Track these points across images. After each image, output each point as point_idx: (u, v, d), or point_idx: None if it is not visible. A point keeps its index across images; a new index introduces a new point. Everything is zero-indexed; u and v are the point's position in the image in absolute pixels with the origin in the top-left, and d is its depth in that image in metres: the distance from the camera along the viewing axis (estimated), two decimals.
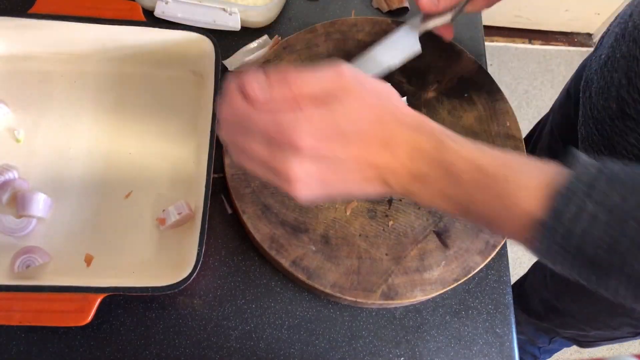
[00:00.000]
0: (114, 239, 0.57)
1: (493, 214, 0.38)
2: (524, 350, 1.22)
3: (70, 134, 0.62)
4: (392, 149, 0.41)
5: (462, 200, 0.40)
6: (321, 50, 0.66)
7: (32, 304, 0.49)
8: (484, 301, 0.60)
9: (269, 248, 0.56)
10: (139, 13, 0.61)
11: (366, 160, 0.41)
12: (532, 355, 1.23)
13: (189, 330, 0.56)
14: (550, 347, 1.17)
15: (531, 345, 1.19)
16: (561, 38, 1.98)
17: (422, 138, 0.42)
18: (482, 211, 0.39)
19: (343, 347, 0.57)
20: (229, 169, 0.59)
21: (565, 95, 0.88)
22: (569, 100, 0.86)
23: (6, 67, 0.63)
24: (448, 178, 0.40)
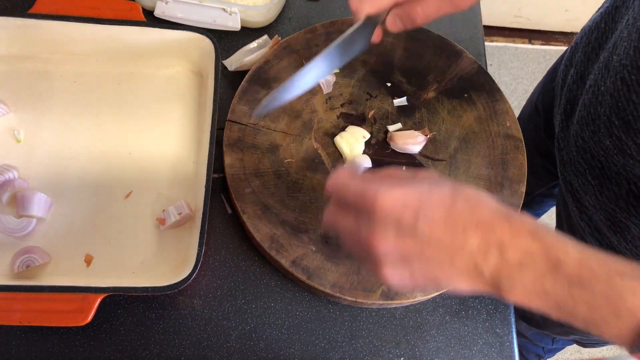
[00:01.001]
0: (114, 239, 0.57)
1: (594, 314, 0.37)
2: (527, 350, 1.22)
3: (70, 133, 0.62)
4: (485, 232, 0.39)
5: (561, 296, 0.37)
6: (321, 50, 0.66)
7: (32, 304, 0.49)
8: (484, 301, 0.60)
9: (269, 248, 0.56)
10: (139, 13, 0.61)
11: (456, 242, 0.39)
12: (536, 355, 1.23)
13: (189, 330, 0.56)
14: (554, 347, 1.17)
15: (534, 345, 1.19)
16: (561, 38, 1.98)
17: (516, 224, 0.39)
18: (582, 310, 0.37)
19: (343, 347, 0.57)
20: (229, 169, 0.59)
21: (533, 109, 0.87)
22: (538, 115, 0.86)
23: (6, 67, 0.63)
24: (548, 267, 0.38)
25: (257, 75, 0.64)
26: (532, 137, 0.89)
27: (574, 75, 0.64)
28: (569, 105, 0.64)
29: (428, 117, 0.64)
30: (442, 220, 0.39)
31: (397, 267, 0.40)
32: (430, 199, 0.40)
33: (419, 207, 0.39)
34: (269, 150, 0.61)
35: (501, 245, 0.38)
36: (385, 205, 0.39)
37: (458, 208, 0.39)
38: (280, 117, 0.62)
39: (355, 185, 0.41)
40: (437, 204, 0.39)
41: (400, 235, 0.39)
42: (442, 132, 0.64)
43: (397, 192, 0.39)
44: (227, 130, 0.61)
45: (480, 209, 0.40)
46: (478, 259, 0.39)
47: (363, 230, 0.40)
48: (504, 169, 0.62)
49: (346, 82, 0.65)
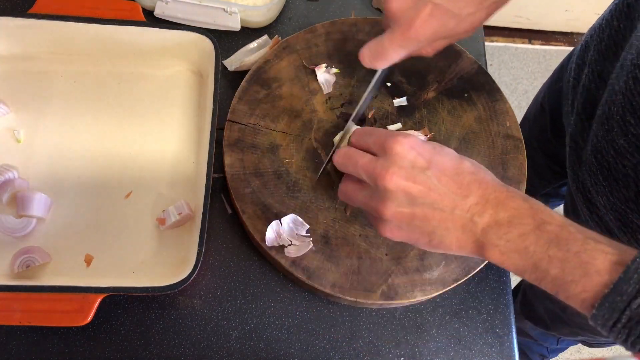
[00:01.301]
0: (114, 239, 0.57)
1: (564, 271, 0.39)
2: (531, 350, 1.21)
3: (70, 134, 0.62)
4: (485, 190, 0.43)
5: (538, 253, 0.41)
6: (321, 50, 0.66)
7: (32, 304, 0.49)
8: (484, 301, 0.60)
9: (269, 248, 0.56)
10: (139, 13, 0.61)
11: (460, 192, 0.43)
12: (539, 355, 1.23)
13: (189, 330, 0.56)
14: (559, 346, 1.17)
15: (539, 345, 1.18)
16: (561, 38, 1.98)
17: (511, 189, 0.44)
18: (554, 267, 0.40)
19: (343, 347, 0.57)
20: (228, 169, 0.59)
21: (539, 108, 0.87)
22: (544, 114, 0.86)
23: (6, 67, 0.63)
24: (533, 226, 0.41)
25: (257, 75, 0.64)
26: (537, 137, 0.89)
27: (590, 74, 0.64)
28: (588, 105, 0.64)
29: (428, 117, 0.64)
30: (451, 171, 0.44)
31: (401, 206, 0.44)
32: (442, 153, 0.45)
33: (431, 156, 0.44)
34: (269, 150, 0.61)
35: (497, 204, 0.43)
36: (404, 148, 0.44)
37: (465, 165, 0.45)
38: (280, 117, 0.62)
39: (378, 130, 0.47)
40: (447, 158, 0.45)
41: (412, 175, 0.43)
42: (442, 132, 0.64)
43: (415, 141, 0.45)
44: (227, 130, 0.61)
45: (483, 171, 0.45)
46: (475, 212, 0.43)
47: (378, 165, 0.44)
48: (504, 169, 0.62)
49: (346, 82, 0.65)
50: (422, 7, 0.49)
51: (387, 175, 0.43)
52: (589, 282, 0.38)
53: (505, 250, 0.42)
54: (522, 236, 0.41)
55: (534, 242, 0.41)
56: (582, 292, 0.39)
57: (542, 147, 0.89)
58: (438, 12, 0.49)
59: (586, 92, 0.64)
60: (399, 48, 0.51)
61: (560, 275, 0.40)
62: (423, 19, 0.49)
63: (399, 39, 0.51)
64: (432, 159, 0.44)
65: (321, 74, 0.65)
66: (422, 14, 0.49)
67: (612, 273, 0.37)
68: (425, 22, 0.49)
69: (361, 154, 0.47)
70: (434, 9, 0.49)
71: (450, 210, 0.43)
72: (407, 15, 0.50)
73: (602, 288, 0.37)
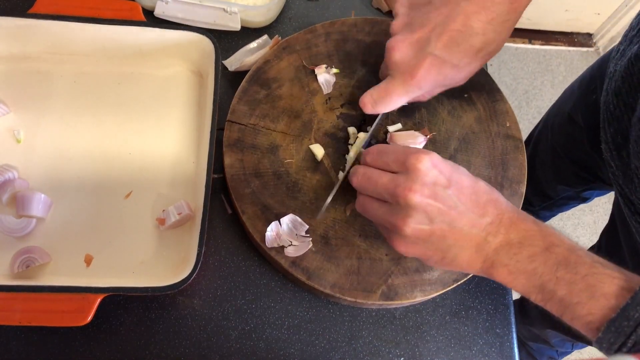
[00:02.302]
0: (114, 239, 0.57)
1: (571, 293, 0.40)
2: (541, 354, 1.21)
3: (70, 134, 0.62)
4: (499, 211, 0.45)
5: (546, 276, 0.42)
6: (321, 50, 0.66)
7: (32, 304, 0.49)
8: (484, 301, 0.60)
9: (269, 248, 0.56)
10: (139, 13, 0.61)
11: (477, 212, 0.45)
12: (549, 358, 1.22)
13: (189, 330, 0.56)
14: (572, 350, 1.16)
15: (551, 349, 1.18)
16: (561, 38, 1.98)
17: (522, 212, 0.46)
18: (561, 289, 0.41)
19: (343, 347, 0.57)
20: (228, 169, 0.59)
21: (567, 119, 0.86)
22: (574, 126, 0.84)
23: (6, 67, 0.63)
24: (542, 248, 0.42)
25: (257, 75, 0.64)
26: (564, 146, 0.89)
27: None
28: None
29: (428, 118, 0.64)
30: (469, 190, 0.45)
31: (420, 222, 0.45)
32: (459, 173, 0.46)
33: (451, 175, 0.46)
34: (269, 151, 0.61)
35: (510, 225, 0.44)
36: (426, 166, 0.45)
37: (481, 186, 0.46)
38: (280, 117, 0.62)
39: (396, 148, 0.48)
40: (465, 177, 0.46)
41: (433, 193, 0.44)
42: (442, 132, 0.64)
43: (436, 158, 0.46)
44: (227, 130, 0.61)
45: (496, 193, 0.47)
46: (490, 231, 0.44)
47: (400, 183, 0.45)
48: (504, 170, 0.62)
49: (346, 82, 0.65)
50: (422, 58, 0.52)
51: (410, 192, 0.44)
52: (595, 305, 0.39)
53: (514, 270, 0.43)
54: (531, 257, 0.42)
55: (542, 264, 0.42)
56: (588, 315, 0.39)
57: (568, 154, 0.88)
58: (437, 63, 0.53)
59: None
60: (402, 95, 0.55)
61: (567, 297, 0.40)
62: (425, 68, 0.53)
63: (402, 87, 0.54)
64: (452, 178, 0.45)
65: (321, 74, 0.65)
66: (424, 64, 0.52)
67: (619, 298, 0.38)
68: (426, 71, 0.53)
69: (380, 174, 0.48)
70: (434, 60, 0.52)
71: (468, 229, 0.44)
72: (409, 66, 0.53)
73: (608, 312, 0.38)
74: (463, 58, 0.53)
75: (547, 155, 0.93)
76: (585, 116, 0.81)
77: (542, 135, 0.96)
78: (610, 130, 0.63)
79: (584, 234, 1.74)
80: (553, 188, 0.97)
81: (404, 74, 0.54)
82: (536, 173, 0.97)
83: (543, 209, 1.07)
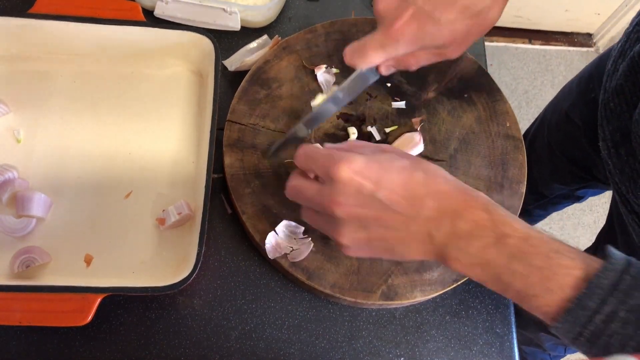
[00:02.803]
0: (113, 239, 0.57)
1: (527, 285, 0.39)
2: (534, 357, 1.21)
3: (70, 134, 0.62)
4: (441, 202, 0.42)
5: (500, 267, 0.40)
6: (321, 50, 0.66)
7: (32, 304, 0.49)
8: (484, 301, 0.60)
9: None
10: (139, 13, 0.61)
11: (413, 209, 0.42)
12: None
13: (189, 330, 0.56)
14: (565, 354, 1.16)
15: (544, 352, 1.18)
16: (561, 38, 1.98)
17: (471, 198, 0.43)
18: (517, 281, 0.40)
19: (343, 347, 0.57)
20: (228, 169, 0.59)
21: (565, 118, 0.86)
22: (570, 124, 0.84)
23: (6, 67, 0.63)
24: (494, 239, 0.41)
25: (257, 75, 0.64)
26: (561, 144, 0.88)
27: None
28: None
29: (428, 118, 0.64)
30: (401, 189, 0.42)
31: (355, 231, 0.44)
32: (390, 169, 0.43)
33: (379, 176, 0.42)
34: (269, 151, 0.61)
35: (454, 214, 0.42)
36: (347, 173, 0.42)
37: (417, 177, 0.43)
38: (280, 117, 0.62)
39: (323, 153, 0.45)
40: (397, 173, 0.43)
41: (360, 202, 0.42)
42: (442, 132, 0.64)
43: (359, 160, 0.43)
44: (227, 130, 0.61)
45: (438, 180, 0.43)
46: (431, 226, 0.42)
47: (325, 195, 0.43)
48: (503, 170, 0.62)
49: None
50: (405, 8, 0.50)
51: (334, 205, 0.43)
52: (551, 297, 0.38)
53: (466, 263, 0.42)
54: (483, 249, 0.41)
55: (495, 256, 0.40)
56: (545, 306, 0.39)
57: (566, 154, 0.88)
58: (419, 15, 0.50)
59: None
60: (378, 48, 0.51)
61: (523, 289, 0.40)
62: (404, 19, 0.50)
63: (379, 38, 0.51)
64: (379, 180, 0.42)
65: (321, 74, 0.65)
66: (404, 15, 0.50)
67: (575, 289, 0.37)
68: (405, 23, 0.50)
69: (308, 186, 0.46)
70: (416, 12, 0.49)
71: (405, 228, 0.43)
72: (391, 16, 0.50)
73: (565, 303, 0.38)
74: (446, 13, 0.49)
75: (544, 152, 0.93)
76: (584, 114, 0.81)
77: (539, 132, 0.96)
78: (609, 128, 0.63)
79: (584, 234, 1.74)
80: (548, 186, 0.97)
81: (385, 25, 0.51)
82: (532, 170, 0.95)
83: (537, 207, 1.07)
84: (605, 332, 0.36)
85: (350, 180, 0.42)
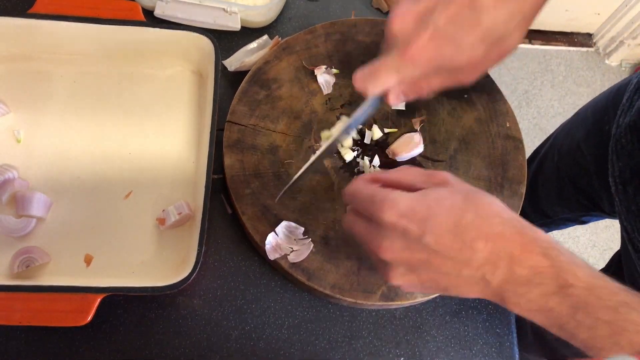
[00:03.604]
0: (113, 239, 0.58)
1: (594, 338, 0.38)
2: None
3: (70, 134, 0.62)
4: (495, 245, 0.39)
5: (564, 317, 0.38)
6: (321, 51, 0.66)
7: (32, 304, 0.49)
8: (484, 301, 0.60)
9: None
10: (139, 13, 0.61)
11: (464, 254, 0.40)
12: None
13: (189, 330, 0.56)
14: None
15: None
16: (561, 38, 1.98)
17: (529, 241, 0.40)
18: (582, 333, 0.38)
19: (343, 347, 0.57)
20: (228, 170, 0.59)
21: (576, 147, 0.83)
22: (582, 155, 0.82)
23: (6, 67, 0.63)
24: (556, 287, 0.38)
25: (256, 76, 0.64)
26: (569, 171, 0.86)
27: None
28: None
29: (428, 118, 0.64)
30: (450, 232, 0.39)
31: (405, 273, 0.42)
32: (438, 210, 0.40)
33: (426, 218, 0.40)
34: (269, 151, 0.61)
35: (511, 260, 0.39)
36: (391, 218, 0.40)
37: (468, 219, 0.40)
38: (280, 118, 0.62)
39: (367, 193, 0.43)
40: (446, 215, 0.40)
41: (407, 246, 0.40)
42: (442, 132, 0.64)
43: (405, 202, 0.40)
44: (227, 131, 0.61)
45: (492, 220, 0.40)
46: (486, 271, 0.39)
47: (373, 238, 0.42)
48: (504, 170, 0.62)
49: (346, 83, 0.65)
50: (423, 30, 0.46)
51: (381, 249, 0.41)
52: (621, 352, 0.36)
53: (527, 309, 0.40)
54: (544, 297, 0.38)
55: (558, 304, 0.38)
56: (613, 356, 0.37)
57: (574, 182, 0.86)
58: (438, 37, 0.46)
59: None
60: (392, 71, 0.49)
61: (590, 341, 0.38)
62: (423, 41, 0.46)
63: (395, 60, 0.48)
64: (425, 223, 0.40)
65: (321, 74, 0.65)
66: (423, 36, 0.46)
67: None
68: (424, 45, 0.47)
69: (359, 224, 0.44)
70: (435, 33, 0.46)
71: (457, 273, 0.40)
72: (407, 37, 0.47)
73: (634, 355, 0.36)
74: (467, 36, 0.46)
75: (552, 176, 0.91)
76: (596, 147, 0.78)
77: (549, 154, 0.93)
78: (618, 164, 0.61)
79: (584, 234, 1.74)
80: (553, 209, 0.95)
81: (400, 47, 0.47)
82: (538, 191, 0.94)
83: (540, 225, 1.06)
84: None
85: (395, 225, 0.40)
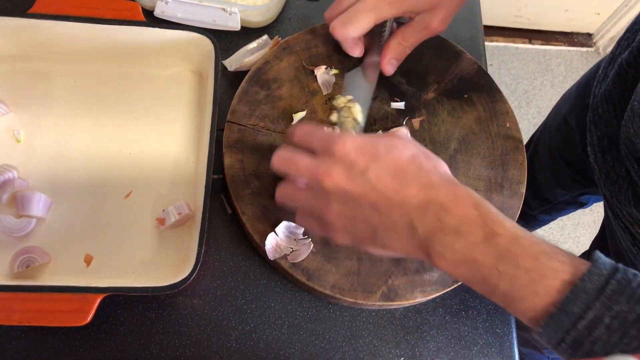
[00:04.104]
0: (113, 239, 0.58)
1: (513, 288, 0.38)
2: (531, 359, 1.21)
3: (70, 134, 0.62)
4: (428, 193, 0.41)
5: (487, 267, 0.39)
6: (321, 51, 0.66)
7: (32, 304, 0.49)
8: (484, 301, 0.60)
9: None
10: (139, 13, 0.61)
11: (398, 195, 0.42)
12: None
13: (189, 330, 0.56)
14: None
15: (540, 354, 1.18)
16: (561, 38, 1.98)
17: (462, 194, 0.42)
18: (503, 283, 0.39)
19: (343, 347, 0.57)
20: (228, 170, 0.59)
21: (563, 122, 0.87)
22: (568, 128, 0.85)
23: (6, 67, 0.63)
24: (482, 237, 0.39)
25: (257, 76, 0.64)
26: (560, 149, 0.89)
27: None
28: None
29: (428, 118, 0.64)
30: (391, 174, 0.42)
31: (341, 207, 0.44)
32: (388, 153, 0.43)
33: (373, 157, 0.43)
34: (269, 151, 0.60)
35: (441, 208, 0.41)
36: (345, 148, 0.43)
37: (411, 167, 0.43)
38: (280, 118, 0.62)
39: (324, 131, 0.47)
40: (392, 159, 0.43)
41: (350, 177, 0.43)
42: (442, 132, 0.64)
43: (360, 139, 0.44)
44: (227, 131, 0.61)
45: (432, 174, 0.43)
46: (415, 216, 0.41)
47: (318, 166, 0.44)
48: (504, 170, 0.62)
49: None
50: None
51: (328, 176, 0.43)
52: (537, 301, 0.37)
53: (451, 260, 0.40)
54: (470, 246, 0.39)
55: (482, 254, 0.39)
56: (529, 310, 0.38)
57: (565, 158, 0.88)
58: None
59: None
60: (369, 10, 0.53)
61: (510, 291, 0.39)
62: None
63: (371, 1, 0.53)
64: (373, 160, 0.43)
65: (321, 75, 0.65)
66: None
67: (561, 292, 0.36)
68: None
69: (302, 156, 0.46)
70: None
71: (389, 213, 0.42)
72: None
73: (549, 307, 0.37)
74: None
75: (546, 157, 0.94)
76: (579, 119, 0.81)
77: (542, 137, 0.96)
78: (596, 133, 0.63)
79: (584, 234, 1.74)
80: (551, 191, 0.97)
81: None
82: (536, 175, 0.97)
83: (542, 212, 1.08)
84: (589, 338, 0.35)
85: (346, 155, 0.43)
